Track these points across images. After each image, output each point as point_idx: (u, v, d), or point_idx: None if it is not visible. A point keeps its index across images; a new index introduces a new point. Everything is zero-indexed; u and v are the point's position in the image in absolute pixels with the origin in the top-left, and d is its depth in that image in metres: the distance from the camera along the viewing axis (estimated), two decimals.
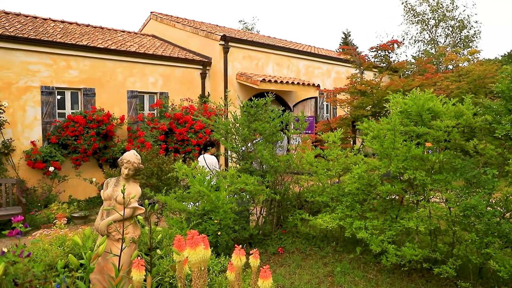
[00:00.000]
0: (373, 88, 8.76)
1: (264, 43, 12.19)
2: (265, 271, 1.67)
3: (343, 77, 14.66)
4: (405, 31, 34.39)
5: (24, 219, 2.03)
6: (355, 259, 5.09)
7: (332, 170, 5.37)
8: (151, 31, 13.91)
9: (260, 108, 5.53)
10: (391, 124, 4.27)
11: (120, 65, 9.42)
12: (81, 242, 1.86)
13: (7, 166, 7.70)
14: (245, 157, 5.71)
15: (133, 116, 9.49)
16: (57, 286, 2.02)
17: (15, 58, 7.93)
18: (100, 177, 8.80)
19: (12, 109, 7.84)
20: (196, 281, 1.53)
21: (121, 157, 3.36)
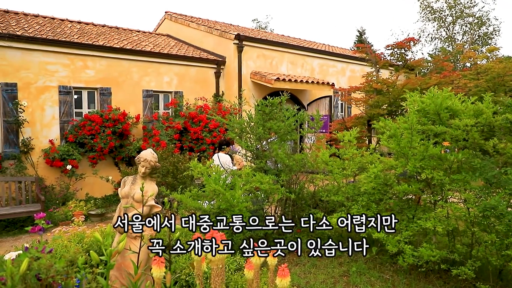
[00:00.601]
0: (389, 87, 8.64)
1: (278, 42, 12.16)
2: (283, 270, 1.67)
3: (358, 76, 14.53)
4: (421, 29, 33.88)
5: (45, 215, 2.08)
6: (371, 259, 5.04)
7: (348, 170, 5.33)
8: (166, 30, 14.02)
9: (275, 107, 5.52)
10: (408, 123, 4.21)
11: (135, 64, 9.52)
12: (102, 239, 1.88)
13: (26, 164, 7.86)
14: (260, 156, 5.71)
15: (148, 115, 9.58)
16: (78, 282, 2.06)
17: (33, 58, 8.09)
18: (116, 175, 8.92)
19: (31, 108, 8.01)
20: (215, 278, 1.54)
21: (138, 156, 3.40)
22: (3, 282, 1.73)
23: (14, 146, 7.79)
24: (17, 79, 7.86)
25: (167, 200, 2.07)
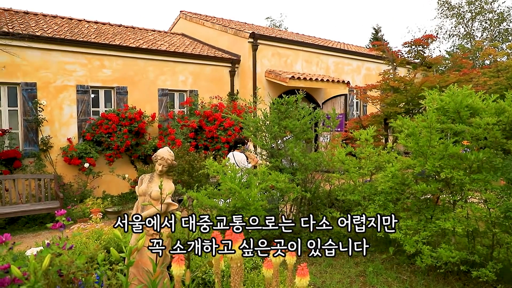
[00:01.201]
0: (406, 85, 8.50)
1: (293, 40, 12.10)
2: (302, 269, 1.65)
3: (374, 74, 14.36)
4: (439, 25, 33.23)
5: (66, 212, 2.11)
6: (387, 260, 4.98)
7: (364, 168, 5.27)
8: (181, 29, 14.11)
9: (291, 105, 5.49)
10: (427, 122, 4.13)
11: (151, 63, 9.61)
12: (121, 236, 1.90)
13: (45, 162, 8.02)
14: (275, 155, 5.70)
15: (163, 113, 9.66)
16: (97, 278, 2.09)
17: (52, 58, 8.24)
18: (132, 173, 9.02)
19: (50, 107, 8.16)
20: (234, 277, 1.54)
21: (155, 154, 3.43)
22: (26, 277, 1.76)
23: (34, 144, 7.95)
24: (36, 79, 8.02)
25: (186, 198, 2.07)
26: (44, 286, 1.65)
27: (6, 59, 7.58)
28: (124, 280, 1.76)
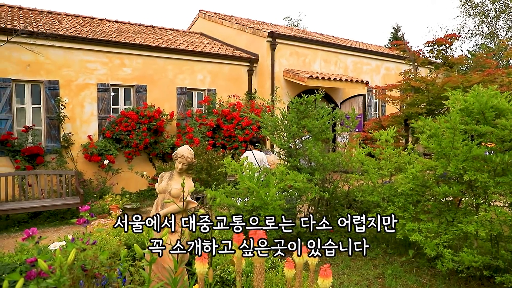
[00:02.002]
0: (428, 85, 8.34)
1: (312, 39, 12.03)
2: (325, 270, 1.64)
3: (393, 74, 14.15)
4: (461, 24, 32.53)
5: (90, 208, 2.14)
6: (407, 262, 4.89)
7: (384, 169, 5.19)
8: (199, 29, 14.19)
9: (310, 105, 5.45)
10: (450, 122, 4.04)
11: (170, 62, 9.70)
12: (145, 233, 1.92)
13: (66, 158, 8.19)
14: (293, 154, 5.67)
15: (182, 112, 9.74)
16: (119, 273, 2.11)
17: (74, 57, 8.40)
18: (150, 171, 9.13)
19: (71, 105, 8.33)
20: (258, 276, 1.53)
21: (175, 152, 3.45)
22: (51, 271, 1.79)
23: (56, 141, 8.13)
24: (59, 77, 8.20)
25: (209, 196, 2.07)
26: (69, 280, 1.68)
27: (31, 57, 7.77)
28: (147, 277, 1.78)
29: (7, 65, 7.60)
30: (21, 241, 1.90)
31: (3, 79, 7.54)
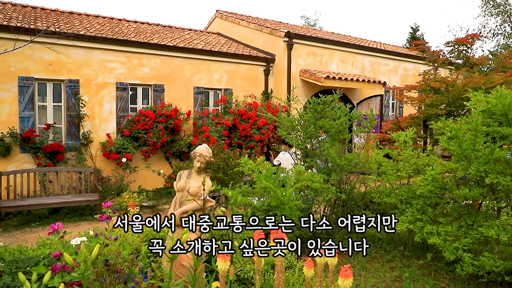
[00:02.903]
0: (448, 86, 8.19)
1: (328, 39, 11.96)
2: (345, 270, 1.63)
3: (411, 74, 13.95)
4: (482, 24, 31.81)
5: (112, 205, 2.18)
6: (425, 266, 4.82)
7: (402, 171, 5.12)
8: (216, 29, 14.27)
9: (327, 105, 5.42)
10: (472, 124, 3.96)
11: (187, 62, 9.78)
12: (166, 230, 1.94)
13: (86, 156, 8.35)
14: (310, 155, 5.65)
15: (198, 111, 9.81)
16: (140, 268, 2.15)
17: (94, 56, 8.56)
18: (167, 169, 9.23)
19: (91, 103, 8.48)
20: (279, 275, 1.54)
21: (193, 151, 3.48)
22: (75, 265, 1.84)
23: (75, 138, 8.30)
24: (79, 76, 8.36)
25: (231, 195, 2.09)
26: (93, 274, 1.72)
27: (52, 57, 7.94)
28: (168, 273, 1.81)
29: (30, 64, 7.80)
30: (43, 235, 1.96)
31: (26, 78, 7.74)
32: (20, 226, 6.68)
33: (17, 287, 2.33)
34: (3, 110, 7.54)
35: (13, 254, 3.08)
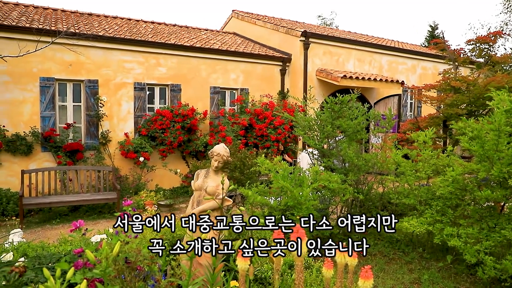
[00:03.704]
0: (469, 85, 8.01)
1: (345, 39, 11.85)
2: (366, 271, 1.61)
3: (430, 74, 13.71)
4: (504, 21, 31.00)
5: (132, 203, 2.20)
6: (444, 268, 4.72)
7: (421, 172, 5.03)
8: (232, 28, 14.31)
9: (345, 104, 5.37)
10: (494, 124, 3.86)
11: (204, 62, 9.84)
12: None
13: (104, 155, 8.49)
14: (327, 155, 5.61)
15: (215, 111, 9.86)
16: (159, 266, 2.16)
17: (113, 57, 8.69)
18: (183, 168, 9.31)
19: (109, 103, 8.62)
20: (299, 274, 1.53)
21: (211, 150, 3.50)
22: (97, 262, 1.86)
23: (94, 138, 8.45)
24: (98, 76, 8.51)
25: (251, 195, 2.09)
26: (114, 271, 1.75)
27: (72, 57, 8.10)
28: (187, 271, 1.82)
29: (51, 65, 7.97)
30: (64, 232, 2.00)
31: (47, 78, 7.92)
32: (42, 223, 6.84)
33: (40, 282, 2.38)
34: (25, 110, 7.74)
35: (36, 250, 3.15)
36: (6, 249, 3.02)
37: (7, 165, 7.55)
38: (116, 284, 1.79)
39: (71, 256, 2.69)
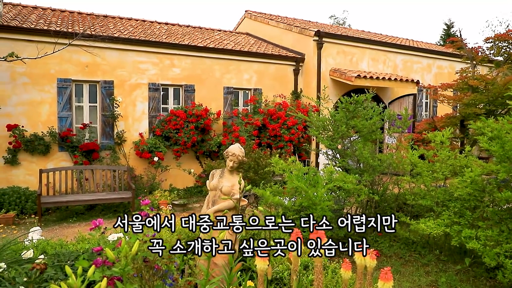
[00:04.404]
0: (488, 84, 7.85)
1: (359, 38, 11.75)
2: (386, 273, 1.59)
3: (446, 73, 13.50)
4: None
5: (150, 202, 2.22)
6: (462, 271, 4.64)
7: (438, 172, 4.96)
8: (245, 29, 14.33)
9: (359, 104, 5.32)
10: None
11: (217, 62, 9.87)
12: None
13: (119, 154, 8.59)
14: (341, 155, 5.57)
15: (228, 111, 9.89)
16: (176, 265, 2.17)
17: (128, 58, 8.79)
18: (197, 168, 9.36)
19: (124, 104, 8.72)
20: (318, 275, 1.52)
21: (226, 150, 3.51)
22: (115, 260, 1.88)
23: (110, 138, 8.55)
24: (113, 77, 8.61)
25: (268, 195, 2.08)
26: (133, 270, 1.76)
27: (88, 59, 8.22)
28: (205, 271, 1.82)
29: (68, 67, 8.10)
30: (81, 230, 2.02)
31: (64, 80, 8.05)
32: (59, 221, 6.96)
33: (59, 279, 2.42)
34: (43, 110, 7.88)
35: (55, 248, 3.21)
36: (26, 247, 3.08)
37: (26, 164, 7.71)
38: (134, 283, 1.81)
39: (89, 254, 2.73)
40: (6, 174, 7.55)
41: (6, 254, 2.64)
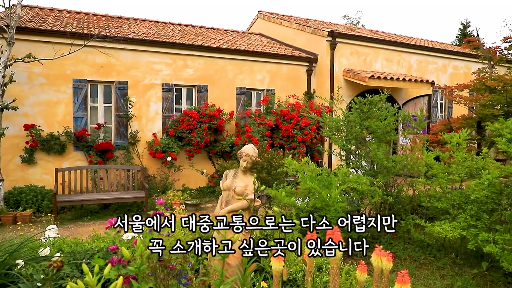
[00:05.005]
0: (506, 84, 7.68)
1: (373, 38, 11.64)
2: (403, 276, 1.57)
3: (462, 73, 13.28)
4: None
5: (165, 202, 2.23)
6: (479, 275, 4.55)
7: (455, 174, 4.87)
8: (258, 29, 14.33)
9: (374, 105, 5.27)
10: None
11: (230, 63, 9.90)
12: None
13: (133, 154, 8.68)
14: (355, 156, 5.52)
15: (241, 112, 9.90)
16: (190, 265, 2.18)
17: (142, 59, 8.88)
18: (209, 168, 9.39)
19: (138, 104, 8.81)
20: (334, 277, 1.50)
21: (240, 150, 3.50)
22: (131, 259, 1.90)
23: (124, 138, 8.65)
24: (128, 78, 8.71)
25: (284, 195, 2.07)
26: (148, 269, 1.77)
27: (103, 60, 8.33)
28: (220, 271, 1.82)
29: (83, 67, 8.22)
30: (95, 229, 2.04)
31: (80, 80, 8.17)
32: (74, 220, 7.06)
33: (75, 277, 2.45)
34: (59, 110, 8.01)
35: (70, 246, 3.25)
36: (43, 244, 3.13)
37: (42, 163, 7.85)
38: (149, 282, 1.82)
39: (104, 252, 2.75)
40: (23, 173, 7.70)
41: (24, 252, 2.68)
